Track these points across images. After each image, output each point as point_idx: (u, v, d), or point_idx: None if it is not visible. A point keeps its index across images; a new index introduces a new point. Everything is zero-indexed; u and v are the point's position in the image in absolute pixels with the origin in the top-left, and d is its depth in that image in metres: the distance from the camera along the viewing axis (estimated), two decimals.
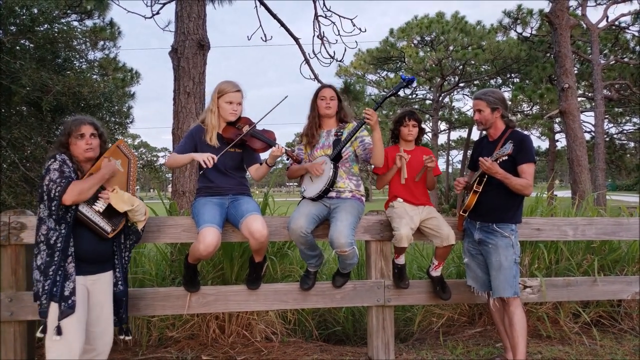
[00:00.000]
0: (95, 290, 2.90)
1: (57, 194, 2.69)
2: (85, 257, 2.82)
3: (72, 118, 3.00)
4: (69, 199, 2.71)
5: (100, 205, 2.85)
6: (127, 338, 3.16)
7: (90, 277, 2.86)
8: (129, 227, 3.09)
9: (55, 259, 2.69)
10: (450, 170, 41.92)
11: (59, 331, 2.67)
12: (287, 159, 3.61)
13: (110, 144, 3.11)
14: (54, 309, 2.69)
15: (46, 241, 2.71)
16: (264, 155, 3.63)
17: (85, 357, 2.86)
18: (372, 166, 3.85)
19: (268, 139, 3.52)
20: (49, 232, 2.71)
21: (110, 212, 2.89)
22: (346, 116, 3.92)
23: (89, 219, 2.81)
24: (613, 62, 20.07)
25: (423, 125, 4.05)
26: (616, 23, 18.67)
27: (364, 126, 3.74)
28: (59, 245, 2.70)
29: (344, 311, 4.88)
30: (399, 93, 4.04)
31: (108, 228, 2.87)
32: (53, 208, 2.70)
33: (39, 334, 2.73)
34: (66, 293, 2.70)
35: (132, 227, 3.09)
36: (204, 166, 3.31)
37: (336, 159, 3.68)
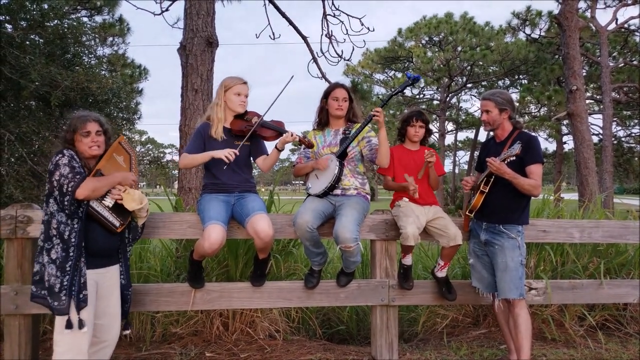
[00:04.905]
0: (104, 283, 2.94)
1: (70, 188, 2.72)
2: (96, 251, 2.86)
3: (77, 114, 2.99)
4: (83, 193, 2.73)
5: (109, 201, 2.90)
6: (125, 332, 3.17)
7: (99, 271, 2.90)
8: (130, 222, 3.10)
9: (71, 254, 2.72)
10: (457, 171, 41.80)
11: (81, 324, 2.70)
12: (298, 146, 3.62)
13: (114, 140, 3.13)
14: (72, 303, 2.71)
15: (59, 235, 2.73)
16: (271, 146, 3.63)
17: (92, 350, 2.89)
18: (378, 166, 3.86)
19: (278, 127, 3.56)
20: (60, 225, 2.73)
21: (118, 208, 2.94)
22: (355, 116, 3.93)
23: (99, 213, 2.86)
24: (622, 64, 19.88)
25: (430, 127, 4.05)
26: (625, 25, 18.48)
27: (370, 125, 3.74)
28: (73, 240, 2.73)
29: (348, 310, 4.88)
30: (405, 92, 4.05)
31: (117, 222, 2.92)
32: (65, 203, 2.72)
33: (62, 330, 2.70)
34: (79, 287, 2.74)
35: (133, 222, 3.12)
36: (227, 161, 3.33)
37: (342, 156, 3.69)
